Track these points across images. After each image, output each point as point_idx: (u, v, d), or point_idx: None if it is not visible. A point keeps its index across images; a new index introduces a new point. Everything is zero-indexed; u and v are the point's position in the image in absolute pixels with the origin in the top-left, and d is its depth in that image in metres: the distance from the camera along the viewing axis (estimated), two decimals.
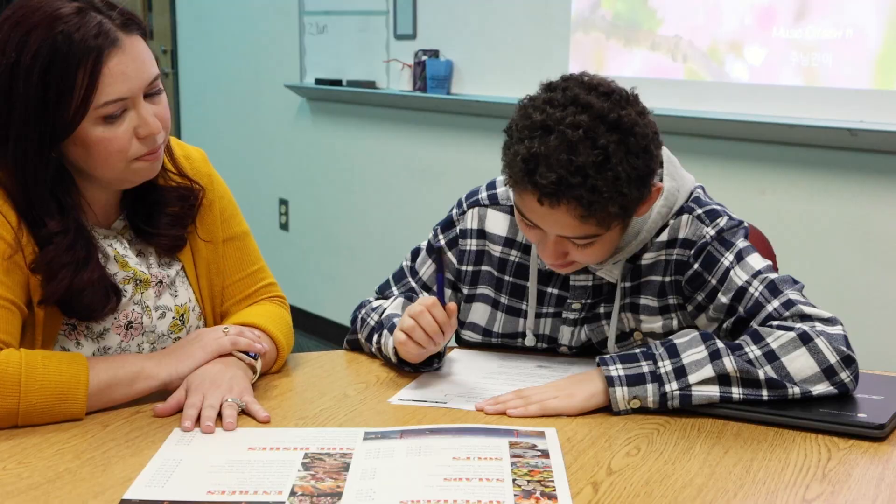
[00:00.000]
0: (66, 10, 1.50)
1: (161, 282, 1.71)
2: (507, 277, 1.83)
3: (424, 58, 4.24)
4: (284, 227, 5.33)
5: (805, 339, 1.56)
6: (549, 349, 1.86)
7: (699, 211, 1.71)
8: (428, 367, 1.75)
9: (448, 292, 1.85)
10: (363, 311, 1.88)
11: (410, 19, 4.37)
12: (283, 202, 5.32)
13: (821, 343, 1.56)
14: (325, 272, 5.11)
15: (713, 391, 1.55)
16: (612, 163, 1.51)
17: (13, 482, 1.31)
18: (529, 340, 1.84)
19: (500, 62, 4.00)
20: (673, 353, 1.58)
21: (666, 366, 1.57)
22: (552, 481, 1.31)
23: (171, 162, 1.73)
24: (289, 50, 5.08)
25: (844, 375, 1.56)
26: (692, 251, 1.69)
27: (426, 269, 1.89)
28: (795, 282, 1.67)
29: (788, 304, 1.62)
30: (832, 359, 1.56)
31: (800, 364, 1.55)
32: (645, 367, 1.57)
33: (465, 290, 1.86)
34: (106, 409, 1.55)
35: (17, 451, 1.40)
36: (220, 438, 1.46)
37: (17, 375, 1.46)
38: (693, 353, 1.57)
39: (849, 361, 1.57)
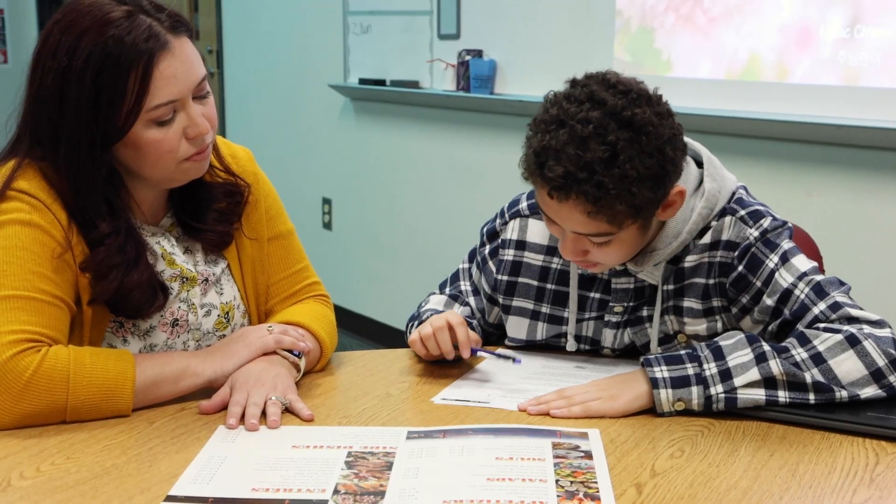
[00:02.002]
0: (117, 13, 1.51)
1: (207, 279, 1.72)
2: (549, 286, 1.83)
3: (468, 57, 4.24)
4: (328, 226, 5.35)
5: (853, 341, 1.54)
6: (591, 351, 1.85)
7: (742, 212, 1.69)
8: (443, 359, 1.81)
9: (485, 307, 1.91)
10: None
11: (454, 19, 4.38)
12: (327, 201, 5.34)
13: (869, 346, 1.54)
14: (367, 271, 5.12)
15: (759, 394, 1.54)
16: (619, 160, 1.50)
17: (61, 477, 1.33)
18: (570, 346, 1.83)
19: (543, 62, 4.00)
20: (718, 355, 1.57)
21: (711, 368, 1.56)
22: (595, 482, 1.31)
23: (218, 159, 1.75)
24: (333, 50, 5.10)
25: (893, 378, 1.54)
26: (736, 253, 1.68)
27: (475, 272, 1.91)
28: (842, 283, 1.65)
29: (835, 306, 1.60)
30: (880, 361, 1.54)
31: (847, 367, 1.54)
32: (690, 370, 1.56)
33: (501, 300, 1.87)
34: (151, 406, 1.56)
35: (65, 447, 1.42)
36: (265, 436, 1.47)
37: (66, 372, 1.48)
38: (739, 355, 1.56)
39: None
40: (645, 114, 1.53)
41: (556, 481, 1.31)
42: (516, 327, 1.86)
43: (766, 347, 1.56)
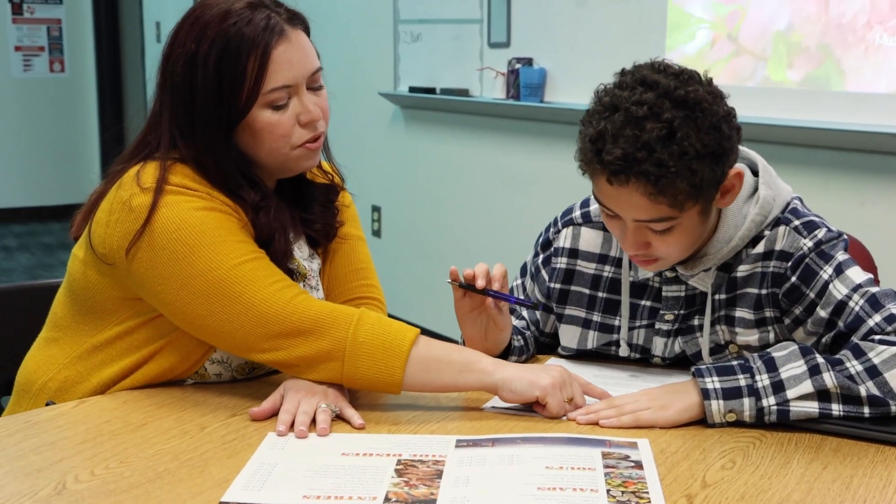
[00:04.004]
0: (239, 5, 1.64)
1: (306, 276, 1.78)
2: (600, 294, 1.82)
3: (518, 66, 4.24)
4: (377, 233, 5.37)
5: None
6: (642, 360, 1.84)
7: (796, 222, 1.68)
8: None
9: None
10: None
11: (504, 27, 4.38)
12: (376, 209, 5.37)
13: None
14: (417, 279, 5.13)
15: (812, 407, 1.52)
16: (677, 137, 1.50)
17: (115, 481, 1.34)
18: (623, 351, 1.82)
19: (594, 70, 3.98)
20: (771, 367, 1.55)
21: (763, 380, 1.54)
22: (647, 493, 1.30)
23: (326, 155, 1.84)
24: (383, 58, 5.12)
25: None
26: (789, 263, 1.66)
27: (529, 283, 1.93)
28: None
29: (891, 318, 1.58)
30: None
31: None
32: (742, 381, 1.55)
33: (555, 308, 1.87)
34: (422, 391, 1.62)
35: (119, 451, 1.44)
36: (315, 443, 1.48)
37: (354, 313, 1.58)
38: (792, 367, 1.54)
39: None
40: (698, 92, 1.54)
41: (608, 491, 1.30)
42: (569, 336, 1.86)
43: (820, 359, 1.54)
